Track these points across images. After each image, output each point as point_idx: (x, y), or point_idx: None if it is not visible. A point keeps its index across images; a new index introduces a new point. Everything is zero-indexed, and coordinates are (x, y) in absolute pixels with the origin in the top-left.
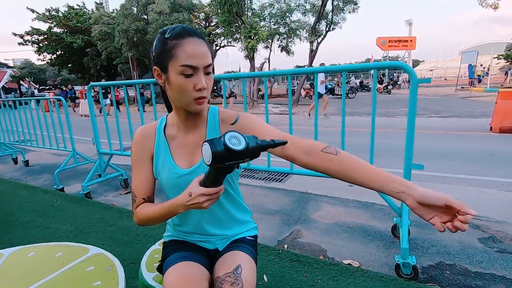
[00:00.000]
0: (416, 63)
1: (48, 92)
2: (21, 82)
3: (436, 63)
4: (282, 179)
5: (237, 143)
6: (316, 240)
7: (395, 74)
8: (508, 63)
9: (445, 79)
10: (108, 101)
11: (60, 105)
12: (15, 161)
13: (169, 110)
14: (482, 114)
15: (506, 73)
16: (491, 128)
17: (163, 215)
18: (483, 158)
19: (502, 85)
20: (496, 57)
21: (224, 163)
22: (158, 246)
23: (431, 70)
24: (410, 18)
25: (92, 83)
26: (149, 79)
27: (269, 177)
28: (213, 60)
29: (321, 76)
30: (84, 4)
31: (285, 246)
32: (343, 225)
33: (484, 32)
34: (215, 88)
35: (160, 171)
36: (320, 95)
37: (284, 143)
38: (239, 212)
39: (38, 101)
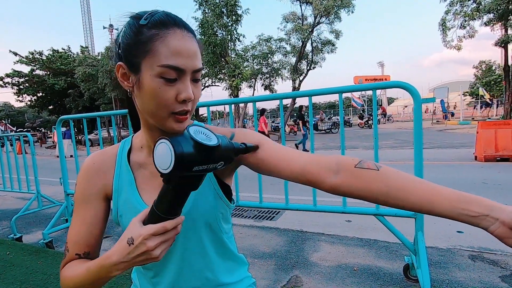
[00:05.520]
0: (391, 100)
1: (55, 132)
2: None
3: (409, 100)
4: (274, 216)
5: (206, 138)
6: None
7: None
8: (473, 99)
9: None
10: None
11: (26, 141)
12: None
13: (136, 129)
14: (461, 145)
15: (475, 107)
16: (475, 157)
17: (91, 282)
18: (477, 187)
19: (473, 118)
20: (463, 94)
21: (192, 169)
22: None
23: (405, 106)
24: (381, 60)
25: (62, 117)
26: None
27: (259, 215)
28: (203, 65)
29: None
30: (69, 47)
31: None
32: (347, 267)
33: (448, 72)
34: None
35: (122, 213)
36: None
37: (256, 147)
38: (233, 267)
39: (11, 144)
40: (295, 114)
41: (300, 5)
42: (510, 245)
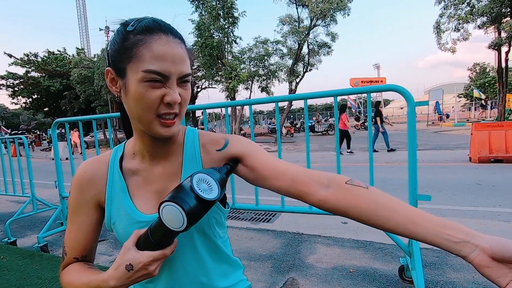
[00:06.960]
0: (387, 102)
1: (73, 132)
2: None
3: (405, 101)
4: (270, 218)
5: (207, 188)
6: None
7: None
8: (468, 101)
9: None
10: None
11: (20, 144)
12: None
13: (129, 135)
14: (456, 146)
15: (469, 109)
16: (470, 158)
17: None
18: (471, 188)
19: (468, 120)
20: (457, 96)
21: (201, 217)
22: None
23: (401, 108)
24: (377, 62)
25: (57, 119)
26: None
27: (256, 217)
28: (192, 72)
29: None
30: (65, 49)
31: None
32: (342, 269)
33: (443, 74)
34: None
35: (115, 220)
36: None
37: (237, 162)
38: (228, 271)
39: (5, 146)
40: (291, 117)
41: (297, 8)
42: (487, 275)
